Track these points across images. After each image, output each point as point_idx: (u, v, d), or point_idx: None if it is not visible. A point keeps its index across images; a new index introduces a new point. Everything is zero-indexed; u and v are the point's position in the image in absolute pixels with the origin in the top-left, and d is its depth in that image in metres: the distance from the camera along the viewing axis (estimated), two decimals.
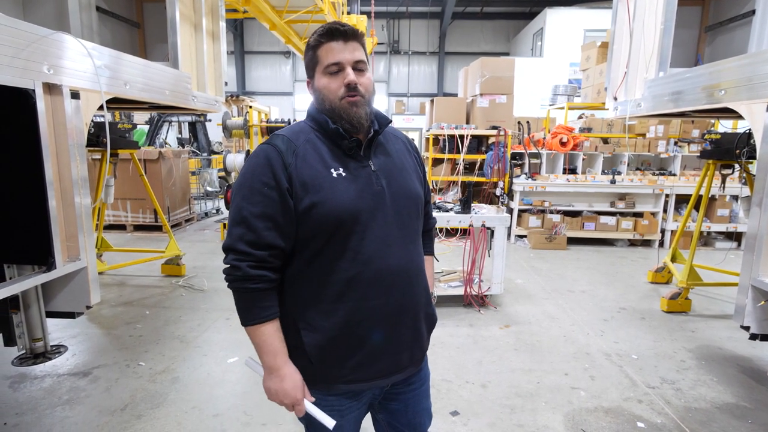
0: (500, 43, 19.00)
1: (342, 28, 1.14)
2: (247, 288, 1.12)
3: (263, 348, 1.14)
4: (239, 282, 1.12)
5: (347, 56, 1.14)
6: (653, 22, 3.25)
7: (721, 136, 4.07)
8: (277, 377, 1.14)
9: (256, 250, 1.10)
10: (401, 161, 1.28)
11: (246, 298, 1.13)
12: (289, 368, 1.16)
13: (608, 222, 6.66)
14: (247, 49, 19.52)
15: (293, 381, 1.15)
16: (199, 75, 3.79)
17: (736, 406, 2.62)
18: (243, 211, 1.11)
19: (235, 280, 1.12)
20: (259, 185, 1.11)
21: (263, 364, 1.16)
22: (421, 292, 1.26)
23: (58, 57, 2.10)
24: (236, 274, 1.11)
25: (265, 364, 1.16)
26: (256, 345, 1.15)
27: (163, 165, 6.99)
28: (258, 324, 1.13)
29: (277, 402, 1.17)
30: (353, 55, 1.15)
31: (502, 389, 2.77)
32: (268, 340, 1.14)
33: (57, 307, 2.40)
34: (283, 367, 1.15)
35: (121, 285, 4.65)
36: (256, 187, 1.11)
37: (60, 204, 2.15)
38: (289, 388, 1.14)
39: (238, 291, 1.13)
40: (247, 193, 1.12)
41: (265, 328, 1.13)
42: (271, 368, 1.15)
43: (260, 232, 1.10)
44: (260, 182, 1.11)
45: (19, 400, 2.58)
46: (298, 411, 1.17)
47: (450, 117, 6.98)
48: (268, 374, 1.16)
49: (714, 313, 4.09)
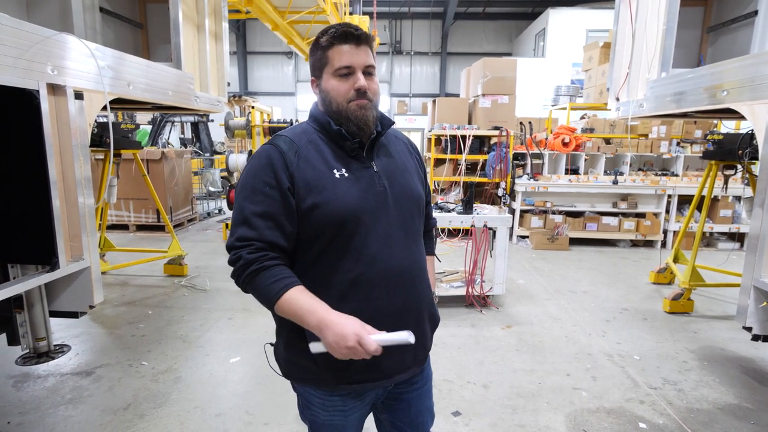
0: (502, 43, 18.99)
1: (355, 32, 1.14)
2: (253, 271, 1.08)
3: (299, 312, 1.06)
4: (244, 270, 1.09)
5: (359, 60, 1.14)
6: (656, 23, 3.25)
7: (723, 136, 4.06)
8: (327, 327, 1.03)
9: (255, 242, 1.10)
10: (403, 162, 1.29)
11: (259, 282, 1.08)
12: (333, 314, 1.06)
13: (610, 222, 6.64)
14: (249, 50, 19.56)
15: (342, 321, 1.04)
16: (201, 75, 3.80)
17: (739, 407, 2.62)
18: (245, 211, 1.12)
19: (240, 271, 1.09)
20: (260, 185, 1.11)
21: (311, 327, 1.06)
22: (425, 292, 1.27)
23: (62, 58, 2.11)
24: (239, 264, 1.09)
25: (312, 325, 1.05)
26: (293, 316, 1.07)
27: (166, 165, 7.01)
28: (281, 295, 1.06)
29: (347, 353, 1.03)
30: (365, 59, 1.15)
31: (503, 389, 2.77)
32: (299, 302, 1.06)
33: (60, 306, 2.42)
34: (327, 316, 1.05)
35: (123, 285, 4.67)
36: (258, 187, 1.12)
37: (63, 204, 2.16)
38: (343, 328, 1.02)
39: (248, 280, 1.09)
40: (249, 193, 1.12)
41: (290, 294, 1.07)
42: (318, 324, 1.04)
43: (261, 231, 1.10)
44: (262, 182, 1.11)
45: (23, 399, 2.60)
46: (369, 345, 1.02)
47: (452, 117, 6.98)
48: (320, 332, 1.04)
49: (716, 314, 4.08)
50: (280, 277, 1.08)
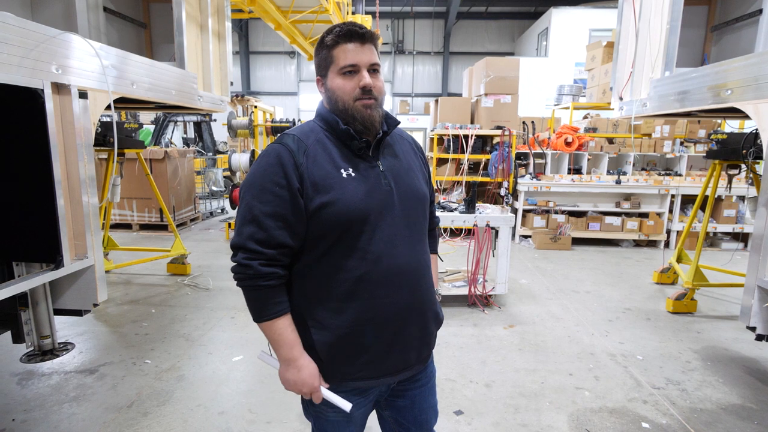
0: (505, 42, 18.96)
1: (360, 31, 1.15)
2: (258, 285, 1.13)
3: (279, 342, 1.16)
4: (250, 280, 1.13)
5: (364, 58, 1.15)
6: (659, 22, 3.24)
7: (727, 136, 4.04)
8: (295, 368, 1.16)
9: (266, 249, 1.11)
10: (408, 162, 1.29)
11: (258, 296, 1.15)
12: (305, 359, 1.18)
13: (613, 222, 6.63)
14: (252, 49, 19.58)
15: (309, 370, 1.17)
16: (204, 75, 3.81)
17: (742, 408, 2.61)
18: (254, 210, 1.12)
19: (246, 278, 1.13)
20: (270, 184, 1.11)
21: (280, 356, 1.18)
22: (428, 291, 1.28)
23: (66, 57, 2.12)
24: (247, 272, 1.12)
25: (282, 357, 1.18)
26: (271, 340, 1.18)
27: (169, 164, 7.03)
28: (272, 320, 1.15)
29: (295, 391, 1.19)
30: (370, 57, 1.16)
31: (506, 389, 2.77)
32: (283, 333, 1.16)
33: (65, 304, 2.43)
34: (299, 358, 1.17)
35: (127, 283, 4.68)
36: (267, 186, 1.11)
37: (68, 203, 2.17)
38: (306, 377, 1.16)
39: (249, 289, 1.15)
40: (258, 192, 1.12)
41: (280, 322, 1.16)
42: (288, 360, 1.17)
43: (271, 231, 1.11)
44: (271, 181, 1.11)
45: (27, 396, 2.61)
46: (316, 398, 1.19)
47: (454, 117, 6.97)
48: (286, 366, 1.18)
49: (720, 314, 4.07)
50: (278, 300, 1.16)
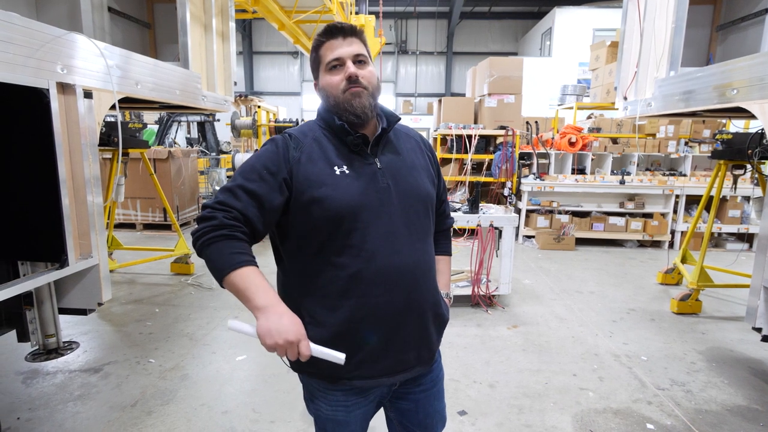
0: (508, 42, 18.93)
1: (339, 26, 1.18)
2: (222, 235, 1.06)
3: (251, 288, 1.03)
4: (214, 230, 1.06)
5: (346, 50, 1.17)
6: (664, 21, 3.23)
7: (732, 136, 4.02)
8: (275, 314, 1.02)
9: (233, 211, 1.10)
10: (411, 160, 1.28)
11: (223, 247, 1.06)
12: (284, 306, 1.05)
13: (617, 223, 6.60)
14: (255, 50, 19.63)
15: (293, 317, 1.04)
16: (208, 75, 3.82)
17: (748, 409, 2.59)
18: (236, 181, 1.14)
19: (210, 230, 1.07)
20: (260, 167, 1.15)
21: (256, 305, 1.03)
22: (429, 291, 1.25)
23: (71, 57, 2.13)
24: (210, 223, 1.07)
25: (258, 304, 1.02)
26: (241, 291, 1.04)
27: (173, 164, 7.05)
28: (240, 267, 1.04)
29: (282, 343, 1.00)
30: (352, 48, 1.18)
31: (510, 389, 2.76)
32: (254, 280, 1.04)
33: (69, 303, 2.43)
34: (278, 304, 1.04)
35: (131, 283, 4.70)
36: (257, 168, 1.15)
37: (73, 202, 2.18)
38: (289, 323, 1.02)
39: (213, 240, 1.06)
40: (248, 171, 1.15)
41: (248, 269, 1.05)
42: (266, 306, 1.02)
43: (246, 206, 1.11)
44: (262, 165, 1.15)
45: (32, 395, 2.62)
46: (304, 348, 1.02)
47: (458, 117, 6.96)
48: (264, 314, 1.02)
49: (725, 314, 4.04)
50: (245, 251, 1.07)
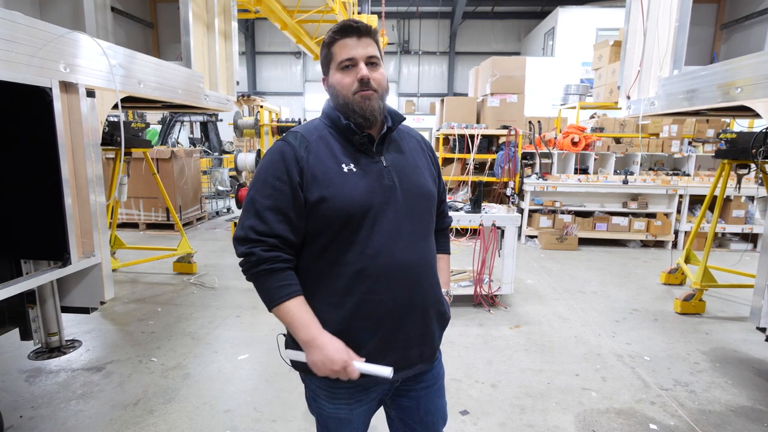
0: (511, 42, 18.90)
1: (355, 25, 1.16)
2: (263, 270, 1.13)
3: (294, 324, 1.13)
4: (255, 267, 1.13)
5: (360, 52, 1.16)
6: (667, 20, 3.21)
7: (736, 135, 3.99)
8: (317, 347, 1.12)
9: (267, 238, 1.13)
10: (414, 159, 1.29)
11: (265, 281, 1.14)
12: (325, 335, 1.13)
13: (620, 223, 6.58)
14: (258, 50, 19.66)
15: (333, 345, 1.12)
16: (211, 74, 3.83)
17: (752, 409, 2.58)
18: (255, 204, 1.15)
19: (251, 266, 1.14)
20: (271, 179, 1.14)
21: (299, 340, 1.14)
22: (432, 289, 1.26)
23: (74, 56, 2.14)
24: (251, 260, 1.13)
25: (301, 339, 1.13)
26: (287, 324, 1.15)
27: (175, 164, 7.07)
28: (283, 302, 1.13)
29: (329, 373, 1.12)
30: (366, 50, 1.17)
31: (512, 389, 2.75)
32: (297, 314, 1.13)
33: (72, 302, 2.44)
34: (319, 336, 1.12)
35: (133, 282, 4.71)
36: (269, 181, 1.15)
37: (75, 201, 2.19)
38: (332, 353, 1.11)
39: (256, 276, 1.14)
40: (261, 187, 1.15)
41: (291, 304, 1.13)
42: (308, 341, 1.12)
43: (271, 224, 1.13)
44: (273, 176, 1.14)
45: (35, 393, 2.63)
46: (351, 373, 1.12)
47: (460, 116, 6.96)
48: (308, 348, 1.13)
49: (729, 315, 4.02)
50: (287, 283, 1.14)
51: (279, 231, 1.13)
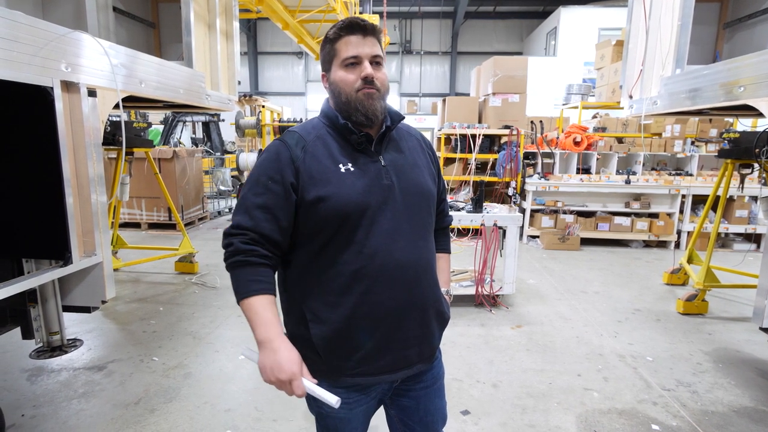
0: (513, 42, 18.88)
1: (362, 23, 1.16)
2: (238, 261, 1.11)
3: (255, 321, 1.08)
4: (231, 257, 1.12)
5: (366, 50, 1.15)
6: (670, 19, 3.20)
7: (739, 134, 3.98)
8: (270, 350, 1.06)
9: (250, 233, 1.13)
10: (413, 158, 1.28)
11: (239, 273, 1.12)
12: (284, 341, 1.08)
13: (623, 223, 6.56)
14: (260, 50, 19.70)
15: (288, 353, 1.07)
16: (212, 74, 3.83)
17: (755, 410, 2.56)
18: (246, 201, 1.15)
19: (228, 256, 1.13)
20: (264, 178, 1.15)
21: (256, 338, 1.08)
22: (431, 288, 1.25)
23: (76, 55, 2.14)
24: (229, 250, 1.13)
25: (258, 338, 1.08)
26: (248, 320, 1.10)
27: (177, 164, 7.08)
28: (250, 297, 1.09)
29: (274, 381, 1.06)
30: (372, 49, 1.16)
31: (513, 389, 2.74)
32: (259, 311, 1.08)
33: (73, 301, 2.45)
34: (276, 339, 1.07)
35: (135, 282, 4.72)
36: (262, 180, 1.15)
37: (77, 201, 2.19)
38: (284, 360, 1.05)
39: (232, 266, 1.13)
40: (253, 185, 1.16)
41: (256, 300, 1.09)
42: (264, 341, 1.07)
43: (257, 222, 1.13)
44: (266, 176, 1.15)
45: (36, 392, 2.63)
46: (297, 388, 1.05)
47: (462, 116, 6.95)
48: (262, 348, 1.08)
49: (732, 315, 4.01)
50: (258, 279, 1.11)
51: (264, 229, 1.13)
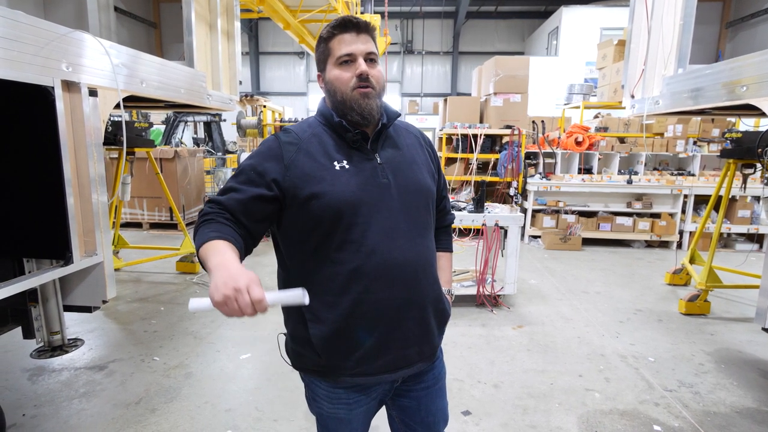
0: (515, 42, 18.84)
1: (354, 20, 1.15)
2: (204, 221, 1.09)
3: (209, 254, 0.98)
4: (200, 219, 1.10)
5: (360, 47, 1.15)
6: (672, 19, 3.19)
7: (742, 134, 3.96)
8: (224, 268, 0.92)
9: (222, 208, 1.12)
10: (411, 155, 1.27)
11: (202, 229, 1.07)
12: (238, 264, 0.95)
13: (624, 223, 6.54)
14: (261, 50, 19.69)
15: (243, 269, 0.92)
16: (213, 74, 3.83)
17: (757, 411, 2.55)
18: (227, 186, 1.16)
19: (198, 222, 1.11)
20: (248, 168, 1.16)
21: (210, 267, 0.96)
22: (430, 287, 1.24)
23: (77, 55, 2.14)
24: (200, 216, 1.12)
25: (212, 264, 0.95)
26: (204, 258, 1.00)
27: (179, 164, 7.08)
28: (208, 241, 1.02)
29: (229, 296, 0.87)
30: (365, 46, 1.16)
31: (514, 390, 2.74)
32: (215, 246, 1.00)
33: (74, 301, 2.45)
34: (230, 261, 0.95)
35: (136, 281, 4.72)
36: (247, 171, 1.16)
37: (77, 201, 2.19)
38: (236, 272, 0.90)
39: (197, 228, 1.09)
40: (239, 173, 1.17)
41: (213, 242, 1.01)
42: (216, 265, 0.94)
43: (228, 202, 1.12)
44: (251, 166, 1.16)
45: (38, 392, 2.64)
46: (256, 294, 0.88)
47: (463, 116, 6.93)
48: (215, 272, 0.93)
49: (734, 315, 3.99)
50: (219, 231, 1.05)
51: (230, 206, 1.11)
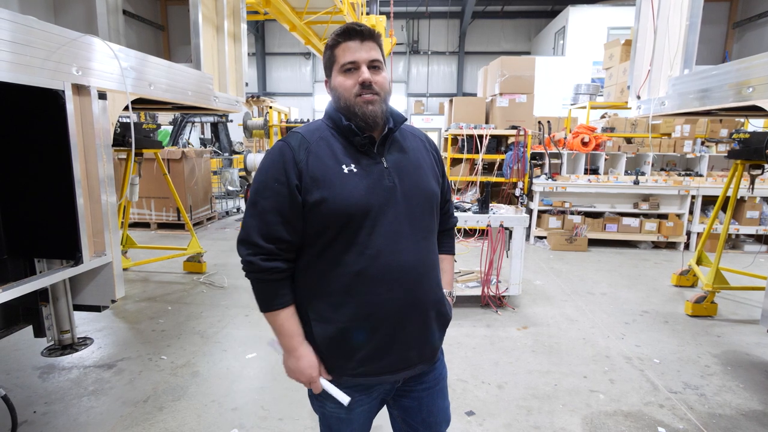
0: (521, 42, 18.78)
1: (358, 28, 1.17)
2: (261, 279, 1.19)
3: (280, 331, 1.23)
4: (254, 274, 1.20)
5: (363, 55, 1.17)
6: (678, 19, 3.18)
7: (750, 135, 3.93)
8: (294, 357, 1.22)
9: (266, 243, 1.16)
10: (417, 159, 1.29)
11: (262, 289, 1.21)
12: (305, 349, 1.23)
13: (631, 224, 6.51)
14: (268, 51, 19.79)
15: (308, 360, 1.22)
16: (220, 76, 3.87)
17: (764, 414, 2.54)
18: (257, 205, 1.18)
19: (251, 272, 1.20)
20: (271, 181, 1.16)
21: (282, 345, 1.25)
22: (432, 289, 1.26)
23: (87, 59, 2.18)
24: (251, 268, 1.19)
25: (283, 346, 1.25)
26: (274, 329, 1.24)
27: (186, 165, 7.14)
28: (274, 311, 1.21)
29: (295, 380, 1.25)
30: (369, 54, 1.17)
31: (518, 390, 2.74)
32: (284, 324, 1.22)
33: (84, 300, 2.49)
34: (298, 348, 1.22)
35: (144, 281, 4.78)
36: (269, 182, 1.17)
37: (87, 201, 2.23)
38: (304, 367, 1.22)
39: (255, 282, 1.21)
40: (261, 188, 1.18)
41: (281, 313, 1.21)
42: (288, 349, 1.23)
43: (271, 226, 1.16)
44: (272, 178, 1.16)
45: (48, 389, 2.68)
46: (314, 388, 1.24)
47: (469, 117, 6.93)
48: (287, 355, 1.24)
49: (741, 317, 3.96)
50: (281, 293, 1.21)
51: (277, 233, 1.16)
